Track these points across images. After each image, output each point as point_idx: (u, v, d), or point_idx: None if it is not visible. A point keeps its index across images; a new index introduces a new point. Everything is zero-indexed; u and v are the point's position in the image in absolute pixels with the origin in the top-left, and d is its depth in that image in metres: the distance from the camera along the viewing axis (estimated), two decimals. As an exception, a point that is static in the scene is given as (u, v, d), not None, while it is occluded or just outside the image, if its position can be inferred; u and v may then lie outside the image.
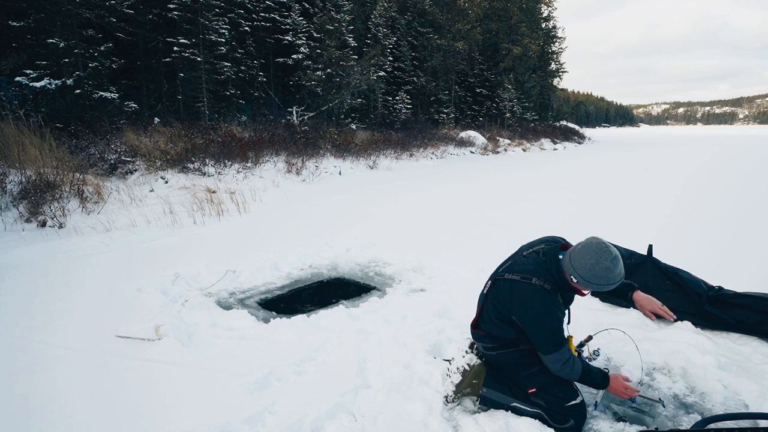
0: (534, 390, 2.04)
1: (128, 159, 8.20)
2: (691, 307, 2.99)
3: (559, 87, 40.41)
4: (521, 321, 1.96)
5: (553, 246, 2.04)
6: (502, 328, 2.06)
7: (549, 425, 2.02)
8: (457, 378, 2.13)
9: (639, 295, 2.19)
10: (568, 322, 2.07)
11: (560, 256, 1.97)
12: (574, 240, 2.20)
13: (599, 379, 1.99)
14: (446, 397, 2.15)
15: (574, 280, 1.87)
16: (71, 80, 10.14)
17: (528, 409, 2.05)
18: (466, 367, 2.13)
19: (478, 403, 2.12)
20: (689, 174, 11.83)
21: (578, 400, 2.03)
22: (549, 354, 1.92)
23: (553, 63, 36.23)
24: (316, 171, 10.39)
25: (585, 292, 1.98)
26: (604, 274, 1.81)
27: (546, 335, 1.91)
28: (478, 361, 2.15)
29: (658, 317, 3.10)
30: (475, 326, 2.17)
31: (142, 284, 3.63)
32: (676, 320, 2.43)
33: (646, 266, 3.22)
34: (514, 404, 2.07)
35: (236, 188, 7.87)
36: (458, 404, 2.17)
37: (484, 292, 2.16)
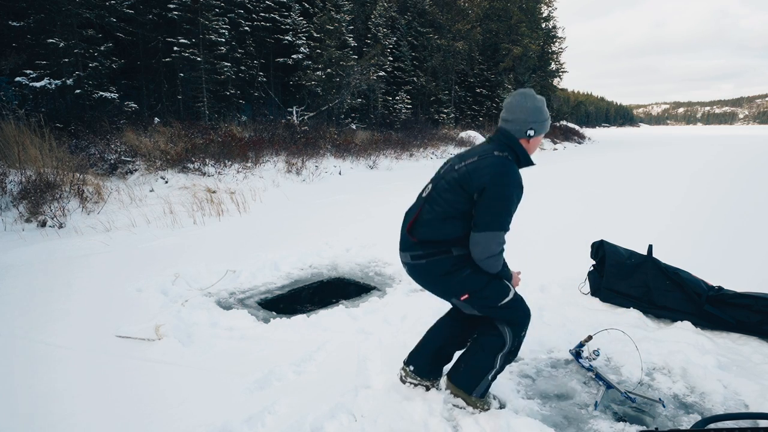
0: (466, 296, 1.95)
1: (128, 159, 8.20)
2: (691, 307, 2.99)
3: (559, 87, 40.40)
4: (486, 194, 1.79)
5: (496, 135, 1.97)
6: (441, 228, 1.91)
7: (487, 353, 2.04)
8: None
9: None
10: None
11: (506, 131, 1.94)
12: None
13: (509, 272, 2.04)
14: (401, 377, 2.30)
15: (532, 134, 1.91)
16: (71, 80, 10.14)
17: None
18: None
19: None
20: (690, 174, 11.83)
21: (511, 295, 1.99)
22: (492, 231, 1.80)
23: (553, 63, 36.20)
24: (316, 171, 10.38)
25: (534, 152, 2.00)
26: (544, 108, 1.94)
27: (502, 211, 1.80)
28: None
29: (658, 317, 3.12)
30: (410, 233, 1.99)
31: (142, 284, 3.63)
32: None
33: (646, 266, 3.22)
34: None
35: (236, 188, 7.87)
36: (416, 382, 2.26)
37: (423, 195, 2.03)
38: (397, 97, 21.55)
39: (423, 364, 2.22)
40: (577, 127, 38.51)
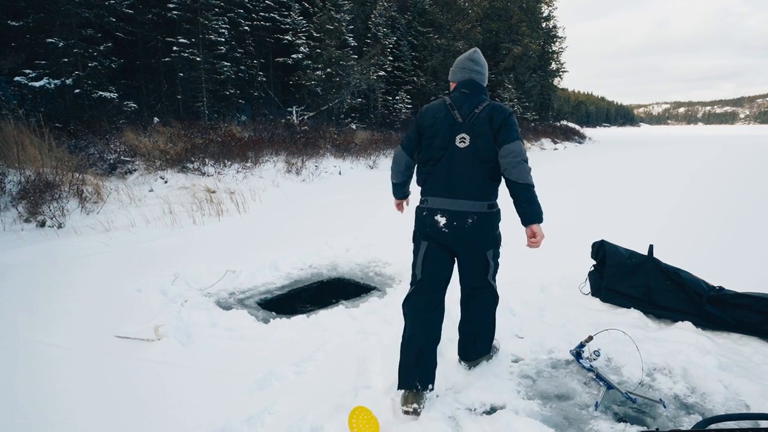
0: (492, 249, 2.27)
1: (127, 159, 8.19)
2: (692, 308, 2.99)
3: (560, 87, 40.43)
4: (506, 123, 2.08)
5: (473, 87, 2.22)
6: (491, 173, 2.12)
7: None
8: None
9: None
10: None
11: (478, 84, 2.24)
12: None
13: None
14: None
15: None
16: (70, 80, 10.12)
17: None
18: None
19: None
20: (690, 174, 11.83)
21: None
22: (519, 139, 2.07)
23: (553, 63, 36.22)
24: (315, 171, 10.38)
25: None
26: None
27: (518, 129, 2.12)
28: None
29: (658, 317, 3.12)
30: (491, 178, 2.14)
31: (141, 284, 3.62)
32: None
33: (647, 266, 3.21)
34: None
35: (236, 188, 7.86)
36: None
37: (460, 146, 2.12)
38: (397, 97, 21.53)
39: (431, 374, 2.16)
40: (577, 127, 38.58)
